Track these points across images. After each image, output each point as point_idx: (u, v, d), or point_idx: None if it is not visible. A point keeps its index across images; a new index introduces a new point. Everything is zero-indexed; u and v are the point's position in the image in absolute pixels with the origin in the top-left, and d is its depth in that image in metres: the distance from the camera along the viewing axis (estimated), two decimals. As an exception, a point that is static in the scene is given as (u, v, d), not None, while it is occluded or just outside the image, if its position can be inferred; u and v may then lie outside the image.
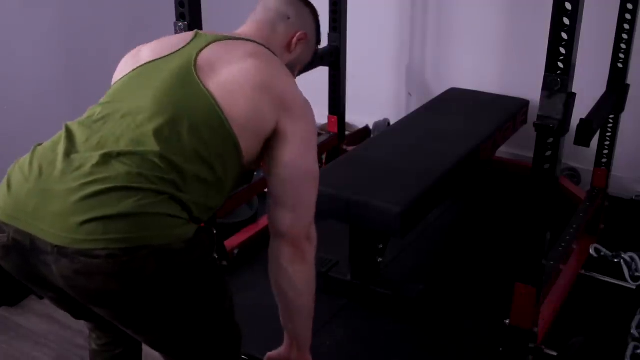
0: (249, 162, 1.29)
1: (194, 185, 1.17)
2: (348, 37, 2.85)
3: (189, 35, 1.37)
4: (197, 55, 1.28)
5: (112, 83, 1.37)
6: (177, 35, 1.42)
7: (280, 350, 1.52)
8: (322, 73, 2.81)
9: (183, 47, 1.32)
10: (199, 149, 1.19)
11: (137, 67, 1.31)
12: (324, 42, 2.83)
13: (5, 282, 2.24)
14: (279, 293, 1.41)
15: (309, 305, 1.43)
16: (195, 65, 1.26)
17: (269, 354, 1.53)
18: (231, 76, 1.25)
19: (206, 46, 1.31)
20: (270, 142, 1.30)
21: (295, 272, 1.36)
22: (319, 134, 3.16)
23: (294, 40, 1.47)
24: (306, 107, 1.34)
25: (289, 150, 1.30)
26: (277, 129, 1.29)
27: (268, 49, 1.38)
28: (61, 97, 2.48)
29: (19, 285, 2.31)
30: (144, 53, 1.35)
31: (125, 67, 1.36)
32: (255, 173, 2.74)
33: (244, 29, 1.46)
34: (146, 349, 1.55)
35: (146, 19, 2.69)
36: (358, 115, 3.28)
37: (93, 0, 2.56)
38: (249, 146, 1.26)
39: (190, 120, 1.19)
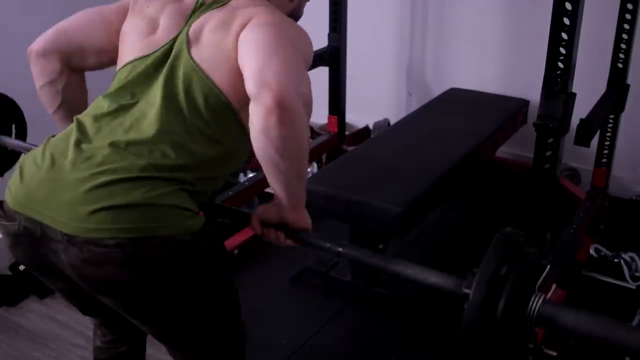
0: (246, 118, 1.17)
1: (203, 165, 1.19)
2: (348, 37, 2.85)
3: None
4: (188, 32, 1.24)
5: (120, 43, 1.32)
6: None
7: (271, 207, 1.23)
8: (322, 73, 2.82)
9: (186, 22, 1.26)
10: (203, 128, 1.19)
11: (141, 57, 1.27)
12: (324, 42, 2.83)
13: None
14: (262, 162, 1.14)
15: (302, 168, 1.18)
16: (188, 43, 1.23)
17: (259, 208, 1.26)
18: (212, 43, 1.21)
19: (198, 19, 1.25)
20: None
21: (281, 136, 1.07)
22: (319, 134, 3.16)
23: None
24: (274, 20, 1.18)
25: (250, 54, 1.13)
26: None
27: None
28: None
29: (18, 285, 2.29)
30: (150, 13, 1.29)
31: (132, 30, 1.30)
32: (252, 174, 2.75)
33: None
34: (149, 352, 1.56)
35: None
36: (358, 115, 3.28)
37: (93, 1, 2.56)
38: (241, 104, 1.19)
39: (191, 102, 1.19)
